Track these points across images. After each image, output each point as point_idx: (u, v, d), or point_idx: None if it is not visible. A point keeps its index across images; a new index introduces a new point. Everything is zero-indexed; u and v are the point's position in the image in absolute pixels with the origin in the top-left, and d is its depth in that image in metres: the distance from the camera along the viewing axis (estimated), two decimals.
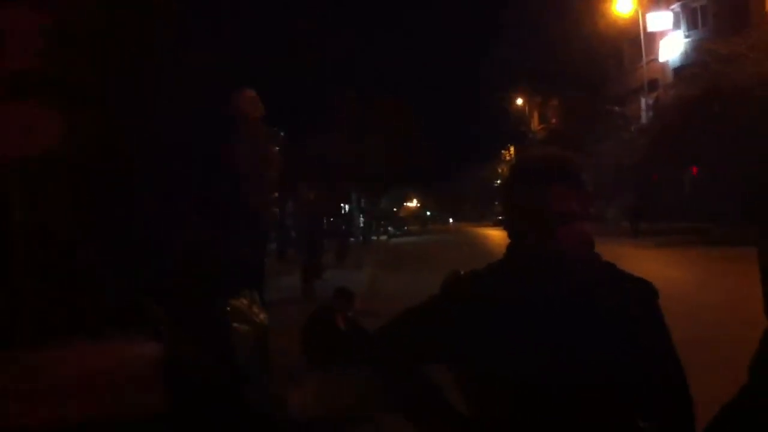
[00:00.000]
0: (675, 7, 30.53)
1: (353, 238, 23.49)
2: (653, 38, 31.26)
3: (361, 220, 34.81)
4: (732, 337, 5.24)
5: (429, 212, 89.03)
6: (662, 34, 31.04)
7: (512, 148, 58.39)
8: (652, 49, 31.30)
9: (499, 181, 59.10)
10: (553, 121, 44.52)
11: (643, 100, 31.36)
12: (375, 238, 39.62)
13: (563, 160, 1.50)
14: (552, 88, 39.70)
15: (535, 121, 51.23)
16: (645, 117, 30.25)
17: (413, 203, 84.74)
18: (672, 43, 30.58)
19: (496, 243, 24.94)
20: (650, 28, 30.98)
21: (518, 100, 50.08)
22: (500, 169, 62.75)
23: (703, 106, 21.93)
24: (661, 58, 31.15)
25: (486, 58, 38.13)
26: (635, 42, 31.80)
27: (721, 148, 20.78)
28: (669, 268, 13.21)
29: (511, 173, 1.58)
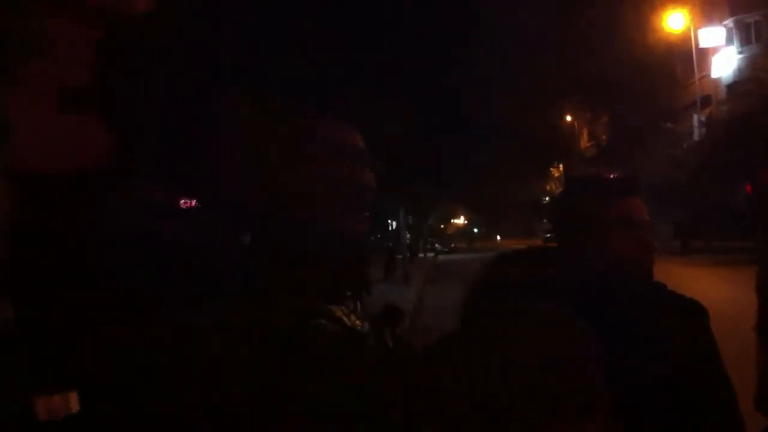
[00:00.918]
0: (728, 22, 30.06)
1: (400, 255, 23.76)
2: (705, 54, 30.80)
3: (408, 236, 34.99)
4: None
5: (476, 229, 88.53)
6: (715, 50, 30.59)
7: (561, 166, 57.78)
8: (705, 65, 30.84)
9: (548, 198, 58.50)
10: (603, 137, 44.04)
11: (695, 116, 30.86)
12: (422, 255, 39.76)
13: (629, 174, 1.62)
14: (602, 105, 39.38)
15: (584, 139, 50.72)
16: (697, 134, 29.76)
17: (460, 220, 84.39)
18: (725, 59, 30.12)
19: None
20: (702, 44, 30.55)
21: (567, 117, 49.75)
22: (549, 186, 62.09)
23: (756, 122, 21.55)
24: (714, 75, 30.69)
25: (537, 74, 37.96)
26: (687, 58, 31.35)
27: None
28: (721, 287, 13.04)
29: (575, 183, 1.66)
